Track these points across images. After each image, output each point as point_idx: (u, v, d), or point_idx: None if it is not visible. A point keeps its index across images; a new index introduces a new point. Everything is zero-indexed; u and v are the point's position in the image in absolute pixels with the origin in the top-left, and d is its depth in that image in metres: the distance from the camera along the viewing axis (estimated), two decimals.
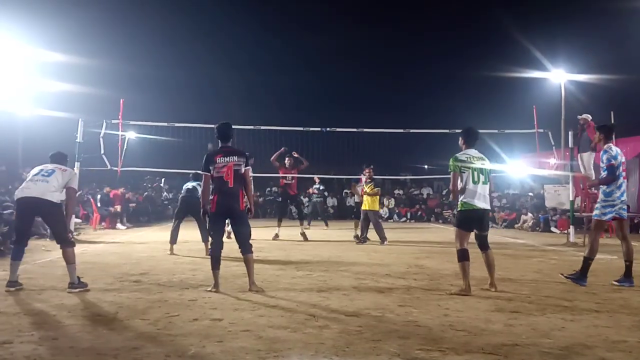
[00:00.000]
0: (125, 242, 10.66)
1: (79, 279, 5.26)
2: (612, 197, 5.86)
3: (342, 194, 24.10)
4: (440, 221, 20.66)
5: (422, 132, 14.35)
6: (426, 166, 27.56)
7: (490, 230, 5.67)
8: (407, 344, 3.45)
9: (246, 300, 4.83)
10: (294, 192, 12.14)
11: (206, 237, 8.48)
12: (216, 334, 3.65)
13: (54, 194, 5.33)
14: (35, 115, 17.42)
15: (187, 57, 30.04)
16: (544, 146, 14.01)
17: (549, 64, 18.06)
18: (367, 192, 10.69)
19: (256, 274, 5.51)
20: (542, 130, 13.28)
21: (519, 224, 16.62)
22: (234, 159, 5.36)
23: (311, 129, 13.88)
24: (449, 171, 5.44)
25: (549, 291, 5.42)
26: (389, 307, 4.55)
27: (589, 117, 9.60)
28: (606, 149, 5.97)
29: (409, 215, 22.27)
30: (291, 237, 11.41)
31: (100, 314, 4.27)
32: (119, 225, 14.96)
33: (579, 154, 10.93)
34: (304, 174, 13.50)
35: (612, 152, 5.90)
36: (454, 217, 5.63)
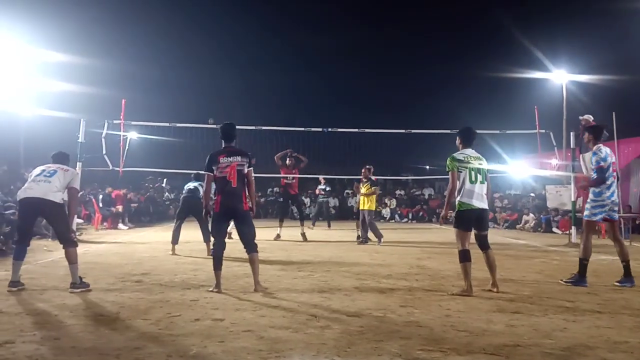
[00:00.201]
0: (127, 243, 10.67)
1: (81, 279, 5.27)
2: (601, 198, 5.90)
3: (344, 194, 24.07)
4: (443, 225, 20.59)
5: (423, 133, 14.34)
6: (427, 166, 27.52)
7: (491, 230, 5.67)
8: (408, 344, 3.45)
9: (248, 300, 4.83)
10: (294, 192, 12.17)
11: (208, 238, 8.49)
12: (218, 334, 3.66)
13: (56, 194, 5.34)
14: (37, 115, 17.44)
15: (188, 58, 30.06)
16: (545, 147, 14.00)
17: (550, 64, 18.04)
18: (363, 192, 10.75)
19: (259, 274, 5.49)
20: (543, 130, 13.27)
21: (521, 225, 16.60)
22: (237, 159, 5.36)
23: (312, 129, 13.89)
24: (447, 170, 5.45)
25: (550, 292, 5.41)
26: (391, 308, 4.55)
27: (591, 117, 9.55)
28: (595, 151, 6.00)
29: (410, 215, 22.24)
30: (293, 238, 11.41)
31: (102, 314, 4.28)
32: (121, 225, 14.97)
33: (581, 155, 10.86)
34: (306, 174, 13.51)
35: (602, 153, 5.94)
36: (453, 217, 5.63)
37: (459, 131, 5.73)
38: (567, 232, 12.53)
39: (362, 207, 10.81)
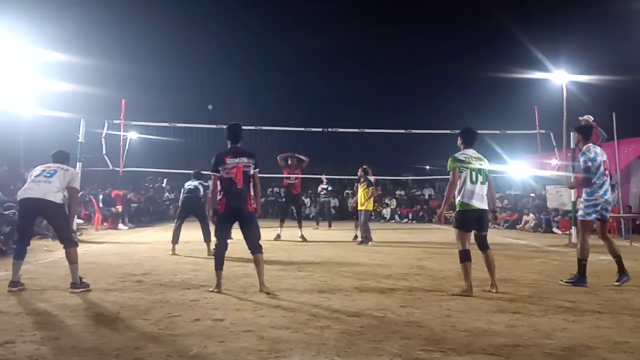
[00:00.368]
0: (127, 243, 10.67)
1: (81, 279, 5.27)
2: (594, 197, 5.93)
3: (344, 194, 24.07)
4: (442, 224, 20.62)
5: (423, 133, 14.36)
6: (427, 167, 27.51)
7: (491, 230, 5.67)
8: (408, 344, 3.45)
9: (248, 300, 4.83)
10: (297, 192, 12.30)
11: (208, 238, 8.49)
12: (218, 334, 3.66)
13: (56, 194, 5.34)
14: (37, 115, 17.42)
15: (189, 58, 30.00)
16: (545, 147, 14.01)
17: (550, 64, 18.01)
18: (360, 194, 10.77)
19: (264, 275, 5.40)
20: (543, 131, 13.29)
21: (521, 225, 16.61)
22: (244, 160, 5.33)
23: (312, 130, 13.91)
24: (448, 171, 5.46)
25: (550, 292, 5.41)
26: (391, 308, 4.55)
27: (591, 118, 9.57)
28: (584, 151, 6.04)
29: (410, 216, 22.24)
30: (293, 238, 11.42)
31: (102, 314, 4.28)
32: (121, 225, 14.97)
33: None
34: (306, 174, 13.52)
35: (590, 153, 5.98)
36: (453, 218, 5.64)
37: (460, 131, 5.74)
38: (567, 233, 12.53)
39: (359, 207, 10.83)
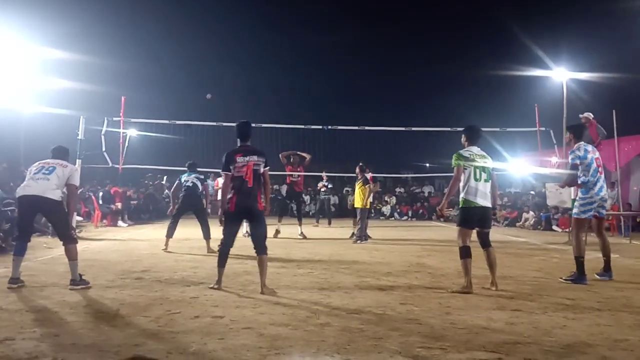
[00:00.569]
0: (126, 240, 10.68)
1: (81, 276, 5.27)
2: (589, 195, 5.95)
3: (343, 191, 24.06)
4: (441, 219, 20.63)
5: (423, 130, 14.36)
6: (427, 164, 27.51)
7: (491, 228, 5.67)
8: (408, 341, 3.45)
9: (247, 297, 4.83)
10: (300, 189, 12.35)
11: (208, 235, 8.49)
12: (217, 331, 3.66)
13: (55, 191, 5.33)
14: (37, 112, 17.40)
15: (188, 55, 29.94)
16: (545, 144, 14.00)
17: (551, 62, 17.98)
18: (358, 190, 10.78)
19: (266, 276, 5.30)
20: (543, 128, 13.28)
21: (521, 223, 16.62)
22: (254, 158, 5.28)
23: (312, 127, 13.90)
24: (452, 167, 5.45)
25: (550, 289, 5.42)
26: (391, 305, 4.55)
27: (591, 115, 9.58)
28: (574, 149, 6.06)
29: (410, 213, 22.25)
30: (293, 235, 11.42)
31: (102, 311, 4.28)
32: (121, 222, 14.96)
33: None
34: (311, 171, 13.53)
35: (580, 152, 6.03)
36: (455, 216, 5.64)
37: (464, 129, 5.75)
38: (567, 230, 12.54)
39: (355, 205, 10.85)
